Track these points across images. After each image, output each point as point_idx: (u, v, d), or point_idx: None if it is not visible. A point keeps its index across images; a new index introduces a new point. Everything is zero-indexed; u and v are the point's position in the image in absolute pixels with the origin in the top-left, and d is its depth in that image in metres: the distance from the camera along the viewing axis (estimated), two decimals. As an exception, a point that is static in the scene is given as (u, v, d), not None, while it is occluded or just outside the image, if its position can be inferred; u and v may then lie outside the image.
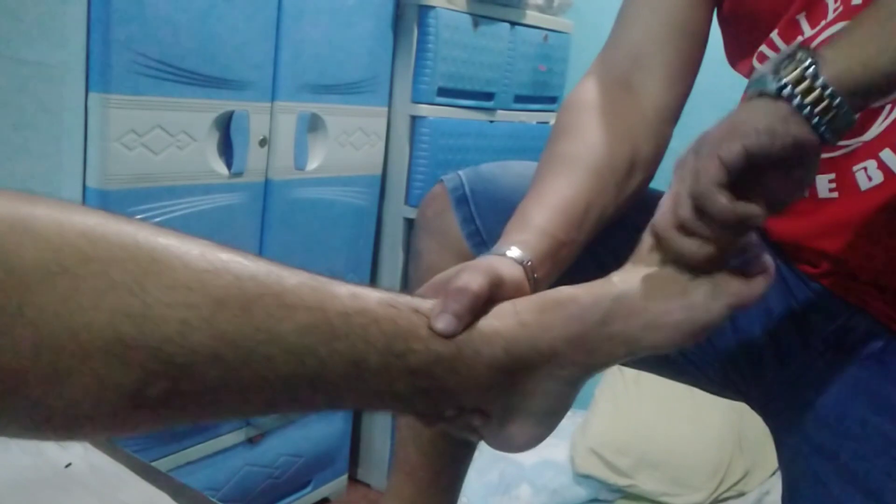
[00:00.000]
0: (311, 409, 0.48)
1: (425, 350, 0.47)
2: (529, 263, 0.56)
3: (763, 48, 0.70)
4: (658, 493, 1.63)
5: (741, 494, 1.64)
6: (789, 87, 0.51)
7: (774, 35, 0.69)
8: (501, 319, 0.51)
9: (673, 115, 0.74)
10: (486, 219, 0.75)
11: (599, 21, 0.80)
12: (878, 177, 0.66)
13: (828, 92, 0.51)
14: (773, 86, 0.51)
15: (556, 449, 1.70)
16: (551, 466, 1.68)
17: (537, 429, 0.54)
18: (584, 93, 0.74)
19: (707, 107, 1.13)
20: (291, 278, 0.44)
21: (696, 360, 0.75)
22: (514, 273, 0.54)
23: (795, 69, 0.51)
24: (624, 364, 0.56)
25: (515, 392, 0.52)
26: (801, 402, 0.70)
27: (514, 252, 0.57)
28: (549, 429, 0.55)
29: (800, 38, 0.67)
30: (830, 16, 0.65)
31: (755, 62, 0.72)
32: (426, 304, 0.49)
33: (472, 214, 0.76)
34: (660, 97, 0.72)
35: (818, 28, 0.66)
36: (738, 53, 0.76)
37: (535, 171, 0.68)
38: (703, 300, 0.51)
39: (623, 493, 1.67)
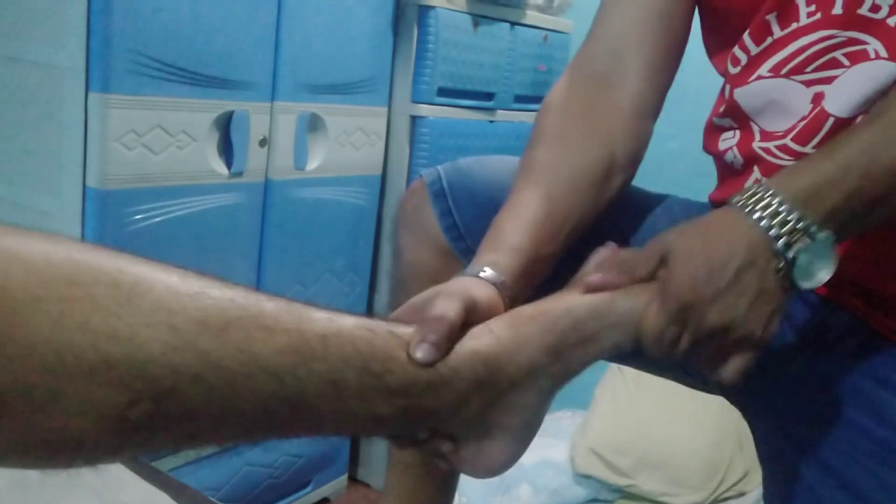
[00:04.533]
0: (292, 434, 0.49)
1: (403, 371, 0.48)
2: (503, 283, 0.57)
3: (735, 49, 0.70)
4: (658, 493, 1.63)
5: (741, 494, 1.64)
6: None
7: (746, 36, 0.68)
8: (478, 339, 0.52)
9: (653, 110, 0.74)
10: (463, 212, 0.75)
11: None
12: None
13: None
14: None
15: (556, 449, 1.70)
16: (551, 466, 1.68)
17: (514, 445, 0.55)
18: (562, 93, 0.74)
19: (689, 103, 1.13)
20: (269, 303, 0.46)
21: None
22: (487, 294, 0.55)
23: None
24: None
25: (494, 410, 0.53)
26: (781, 399, 0.70)
27: (487, 273, 0.58)
28: (525, 444, 0.56)
29: (770, 40, 0.67)
30: (804, 20, 0.64)
31: (729, 65, 0.71)
32: (402, 328, 0.50)
33: (449, 208, 0.76)
34: (639, 92, 0.72)
35: (789, 30, 0.65)
36: (714, 48, 0.76)
37: (514, 178, 0.68)
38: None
39: (623, 493, 1.67)
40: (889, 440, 0.63)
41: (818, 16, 0.63)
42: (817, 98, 0.65)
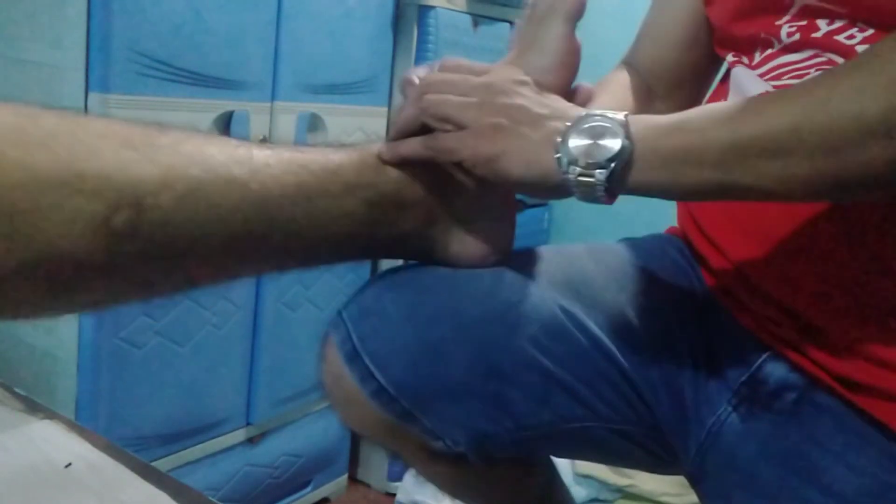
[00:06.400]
0: (282, 251, 0.52)
1: (349, 161, 0.53)
2: None
3: (743, 58, 0.70)
4: (658, 493, 1.63)
5: (741, 494, 1.64)
6: (576, 180, 0.53)
7: (753, 57, 0.68)
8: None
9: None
10: (387, 369, 0.59)
11: (598, 21, 0.81)
12: None
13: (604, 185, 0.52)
14: (571, 171, 0.53)
15: (556, 449, 1.70)
16: (551, 466, 1.68)
17: (497, 222, 0.61)
18: (613, 74, 0.81)
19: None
20: (203, 131, 0.51)
21: (630, 429, 0.68)
22: None
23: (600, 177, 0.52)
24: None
25: (448, 189, 0.58)
26: (721, 465, 0.66)
27: None
28: (506, 222, 0.61)
29: (759, 57, 0.66)
30: (785, 39, 0.64)
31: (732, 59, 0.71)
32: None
33: (369, 370, 0.59)
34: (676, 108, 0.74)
35: (774, 49, 0.65)
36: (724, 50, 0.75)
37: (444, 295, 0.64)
38: None
39: (623, 493, 1.67)
40: None
41: (797, 36, 0.63)
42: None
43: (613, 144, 0.51)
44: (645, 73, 0.80)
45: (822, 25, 0.61)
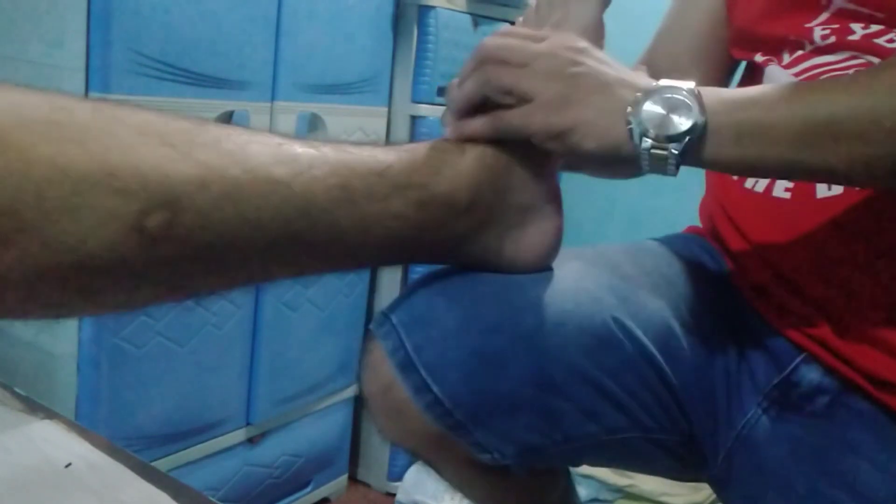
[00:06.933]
0: (324, 256, 0.49)
1: (399, 161, 0.51)
2: None
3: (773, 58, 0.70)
4: (658, 493, 1.63)
5: (741, 494, 1.63)
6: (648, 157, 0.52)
7: (782, 58, 0.69)
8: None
9: None
10: (444, 381, 0.56)
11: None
12: (838, 187, 0.62)
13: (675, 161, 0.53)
14: (644, 143, 0.52)
15: (556, 449, 1.70)
16: (551, 466, 1.68)
17: (547, 222, 0.58)
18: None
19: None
20: (244, 127, 0.48)
21: (659, 431, 0.67)
22: None
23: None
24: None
25: (502, 189, 0.56)
26: (749, 468, 0.66)
27: None
28: (556, 219, 0.59)
29: (790, 56, 0.67)
30: (818, 42, 0.64)
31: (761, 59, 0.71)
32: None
33: (424, 382, 0.56)
34: None
35: (810, 49, 0.65)
36: (746, 52, 0.76)
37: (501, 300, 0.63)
38: None
39: (623, 492, 1.66)
40: None
41: (832, 39, 0.63)
42: None
43: (688, 118, 0.51)
44: (664, 71, 0.80)
45: (857, 29, 0.61)
